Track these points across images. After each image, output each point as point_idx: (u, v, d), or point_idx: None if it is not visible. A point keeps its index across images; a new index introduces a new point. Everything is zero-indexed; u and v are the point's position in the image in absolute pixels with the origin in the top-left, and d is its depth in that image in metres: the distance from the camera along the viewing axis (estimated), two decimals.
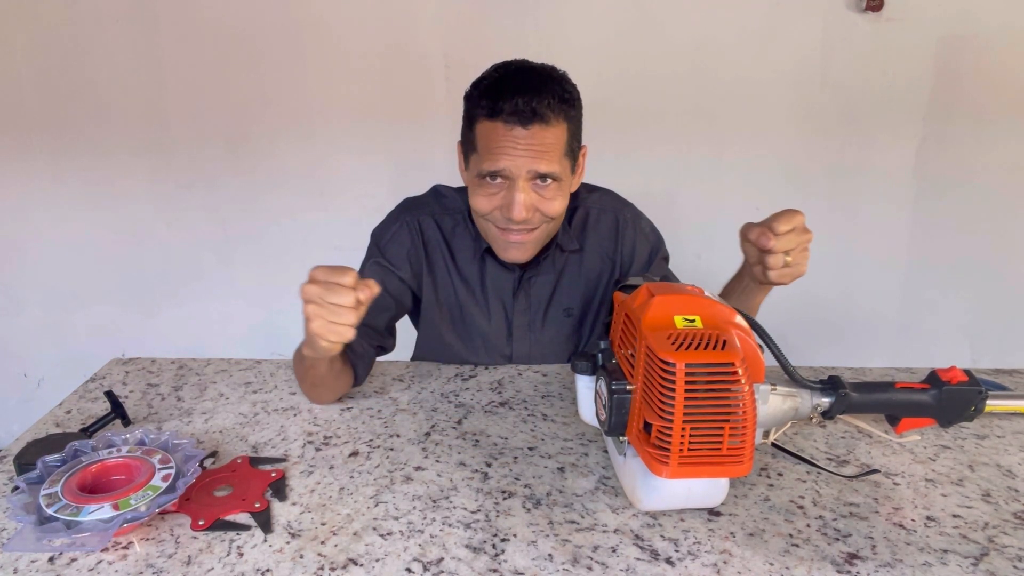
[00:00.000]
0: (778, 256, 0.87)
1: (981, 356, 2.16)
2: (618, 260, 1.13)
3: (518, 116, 0.91)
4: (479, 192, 0.97)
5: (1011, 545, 0.65)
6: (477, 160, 0.96)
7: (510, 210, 0.94)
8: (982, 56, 1.92)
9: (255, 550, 0.63)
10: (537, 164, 0.92)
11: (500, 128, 0.92)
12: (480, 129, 0.95)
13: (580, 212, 1.13)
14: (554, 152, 0.93)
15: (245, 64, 1.94)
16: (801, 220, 0.87)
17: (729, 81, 1.95)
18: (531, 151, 0.92)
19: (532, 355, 1.13)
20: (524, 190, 0.94)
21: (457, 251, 1.10)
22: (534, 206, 0.96)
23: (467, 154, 1.01)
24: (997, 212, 2.05)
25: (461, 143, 1.03)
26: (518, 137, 0.91)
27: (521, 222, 0.96)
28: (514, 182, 0.94)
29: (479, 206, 0.98)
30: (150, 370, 1.03)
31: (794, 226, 0.86)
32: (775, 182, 2.04)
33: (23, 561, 0.61)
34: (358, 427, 0.87)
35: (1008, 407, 0.90)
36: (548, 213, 0.97)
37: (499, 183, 0.96)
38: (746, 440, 0.61)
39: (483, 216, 1.00)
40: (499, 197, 0.96)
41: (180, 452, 0.72)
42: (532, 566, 0.61)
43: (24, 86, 1.94)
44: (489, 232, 1.02)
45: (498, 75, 0.96)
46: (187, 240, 2.09)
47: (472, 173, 0.98)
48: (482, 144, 0.95)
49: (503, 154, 0.92)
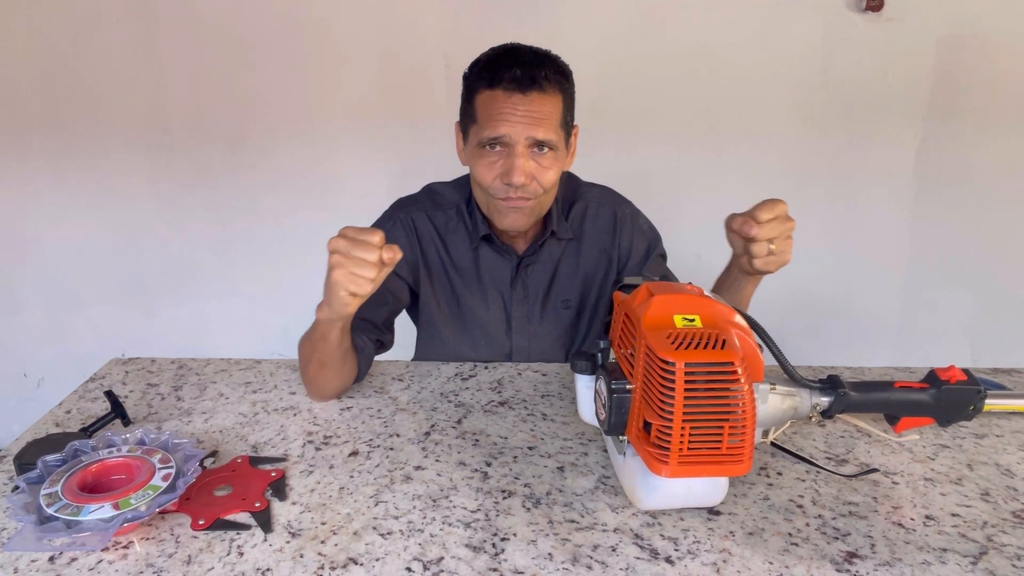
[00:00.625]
0: (762, 244, 0.88)
1: (981, 356, 2.16)
2: (615, 255, 1.15)
3: (517, 83, 0.96)
4: (480, 162, 1.01)
5: (1010, 544, 0.65)
6: (477, 130, 1.00)
7: (510, 175, 0.98)
8: (982, 56, 1.92)
9: (255, 549, 0.63)
10: (535, 131, 0.97)
11: (500, 96, 0.97)
12: (480, 99, 0.99)
13: (579, 205, 1.15)
14: (551, 121, 0.98)
15: (245, 64, 1.94)
16: (783, 209, 0.88)
17: (729, 81, 1.95)
18: (530, 117, 0.96)
19: (532, 348, 1.14)
20: (523, 155, 0.98)
21: (452, 244, 1.12)
22: (532, 174, 0.99)
23: (466, 129, 1.04)
24: (997, 212, 2.05)
25: (459, 122, 1.06)
26: (517, 104, 0.96)
27: (520, 187, 0.99)
28: (513, 148, 0.98)
29: (481, 176, 1.01)
30: (150, 370, 1.03)
31: (777, 214, 0.88)
32: (775, 182, 2.04)
33: (23, 561, 0.61)
34: (358, 427, 0.87)
35: (1007, 406, 0.90)
36: (543, 182, 1.01)
37: (498, 151, 1.00)
38: (745, 439, 0.61)
39: (485, 187, 1.02)
40: (499, 165, 1.00)
41: (180, 452, 0.72)
42: (532, 565, 0.61)
43: (24, 86, 1.94)
44: (490, 204, 1.05)
45: (496, 52, 1.01)
46: (187, 240, 2.09)
47: (472, 144, 1.02)
48: (482, 113, 0.99)
49: (503, 120, 0.97)
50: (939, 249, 2.10)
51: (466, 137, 1.04)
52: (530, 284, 1.13)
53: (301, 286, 2.11)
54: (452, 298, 1.13)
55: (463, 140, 1.06)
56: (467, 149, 1.04)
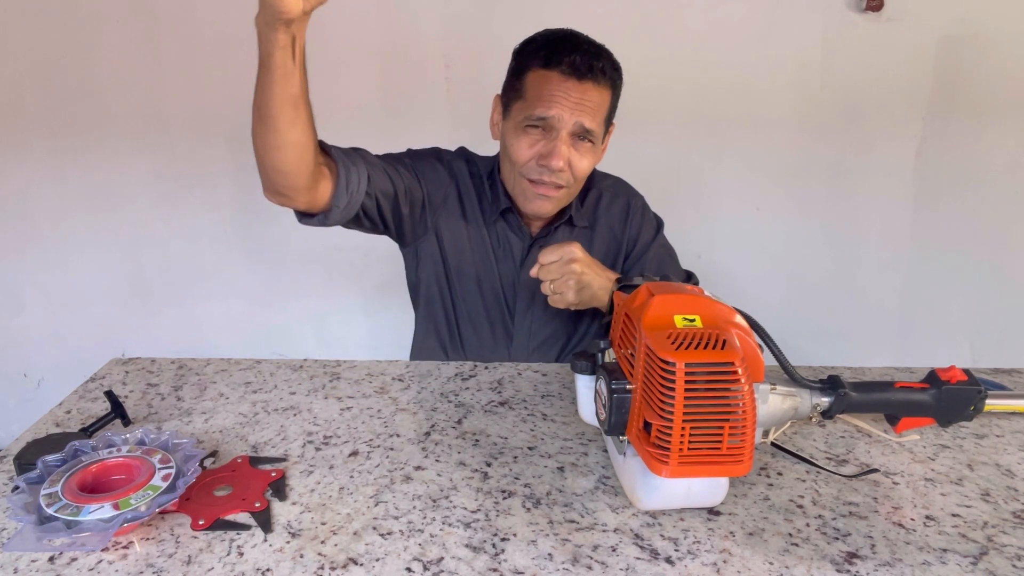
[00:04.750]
0: (545, 284, 0.95)
1: (981, 356, 2.16)
2: (625, 241, 1.17)
3: (574, 69, 0.97)
4: (520, 139, 1.02)
5: (1010, 544, 0.65)
6: (523, 107, 1.01)
7: (549, 158, 0.99)
8: (982, 56, 1.92)
9: (255, 550, 0.63)
10: (583, 117, 0.98)
11: (555, 77, 0.98)
12: (532, 77, 1.00)
13: (594, 193, 1.18)
14: (599, 113, 1.00)
15: (245, 64, 1.93)
16: (567, 253, 0.93)
17: (729, 81, 1.95)
18: (581, 105, 0.98)
19: (533, 331, 1.14)
20: (565, 141, 0.99)
21: (475, 207, 1.13)
22: (569, 161, 1.01)
23: (509, 104, 1.04)
24: (997, 212, 2.05)
25: (501, 95, 1.07)
26: (571, 89, 0.97)
27: (556, 172, 1.00)
28: (558, 132, 0.99)
29: (518, 153, 1.02)
30: (150, 370, 1.03)
31: (558, 257, 0.93)
32: (775, 182, 2.04)
33: (23, 561, 0.61)
34: (358, 427, 0.87)
35: (1007, 406, 0.90)
36: (577, 172, 1.02)
37: (541, 132, 1.01)
38: (746, 439, 0.61)
39: (519, 166, 1.03)
40: (540, 146, 1.01)
41: (180, 452, 0.72)
42: (532, 565, 0.61)
43: (24, 86, 1.94)
44: (518, 184, 1.06)
45: (556, 34, 1.03)
46: (187, 240, 2.09)
47: (515, 120, 1.02)
48: (532, 92, 1.00)
49: (555, 102, 0.98)
50: (939, 249, 2.10)
51: (507, 112, 1.05)
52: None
53: (301, 286, 2.13)
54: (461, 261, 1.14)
55: (503, 114, 1.06)
56: (507, 124, 1.05)
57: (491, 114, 1.09)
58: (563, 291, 0.95)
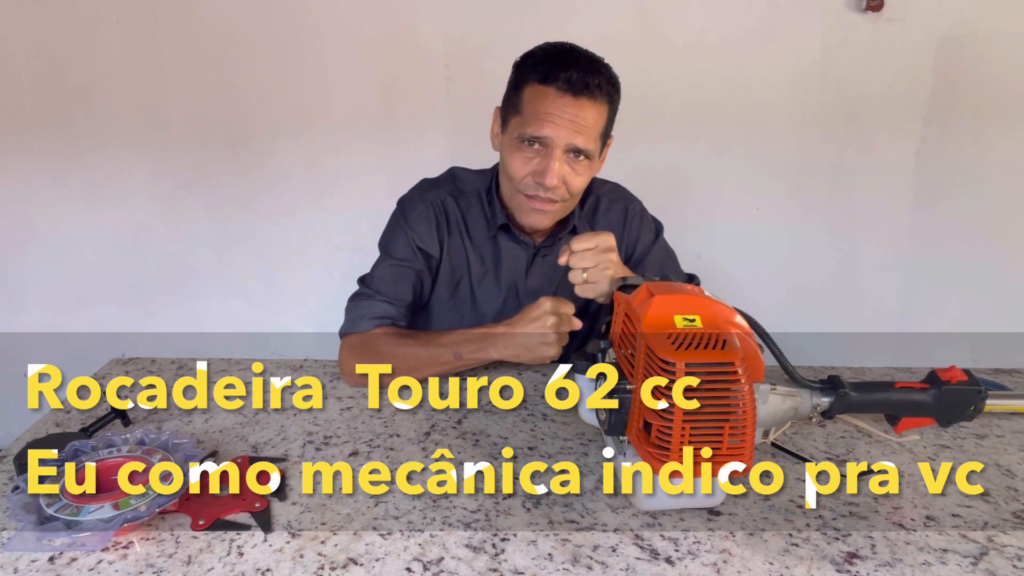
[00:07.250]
0: (576, 272, 0.93)
1: (981, 356, 2.16)
2: (624, 246, 1.17)
3: (570, 86, 0.96)
4: (516, 155, 1.02)
5: (1010, 544, 0.65)
6: (519, 123, 1.00)
7: (543, 176, 0.99)
8: (982, 56, 1.92)
9: (255, 550, 0.63)
10: (576, 139, 0.98)
11: (551, 94, 0.97)
12: (528, 92, 0.99)
13: (592, 199, 1.18)
14: (593, 131, 0.99)
15: (245, 64, 1.94)
16: (603, 241, 0.92)
17: (729, 81, 1.95)
18: (574, 124, 0.97)
19: None
20: (560, 159, 0.99)
21: (473, 230, 1.14)
22: (564, 178, 1.00)
23: (507, 118, 1.04)
24: (997, 212, 2.05)
25: (501, 108, 1.07)
26: (566, 106, 0.96)
27: (551, 189, 1.00)
28: (552, 151, 0.98)
29: (514, 169, 1.02)
30: (150, 370, 1.03)
31: (595, 245, 0.92)
32: (775, 182, 2.04)
33: (23, 561, 0.61)
34: (358, 427, 0.87)
35: (1007, 407, 0.90)
36: (573, 188, 1.02)
37: (536, 149, 1.00)
38: (746, 439, 0.61)
39: (515, 181, 1.03)
40: (535, 163, 1.00)
41: (180, 452, 0.72)
42: (532, 565, 0.61)
43: (24, 86, 1.94)
44: (515, 199, 1.06)
45: (554, 48, 1.01)
46: (187, 240, 2.09)
47: (511, 135, 1.02)
48: (528, 108, 0.99)
49: (548, 121, 0.97)
50: (939, 249, 2.10)
51: (505, 126, 1.04)
52: (544, 274, 1.15)
53: (301, 286, 2.13)
54: (467, 283, 1.15)
55: (501, 127, 1.06)
56: (504, 138, 1.05)
57: (491, 126, 1.09)
58: (598, 280, 0.92)
